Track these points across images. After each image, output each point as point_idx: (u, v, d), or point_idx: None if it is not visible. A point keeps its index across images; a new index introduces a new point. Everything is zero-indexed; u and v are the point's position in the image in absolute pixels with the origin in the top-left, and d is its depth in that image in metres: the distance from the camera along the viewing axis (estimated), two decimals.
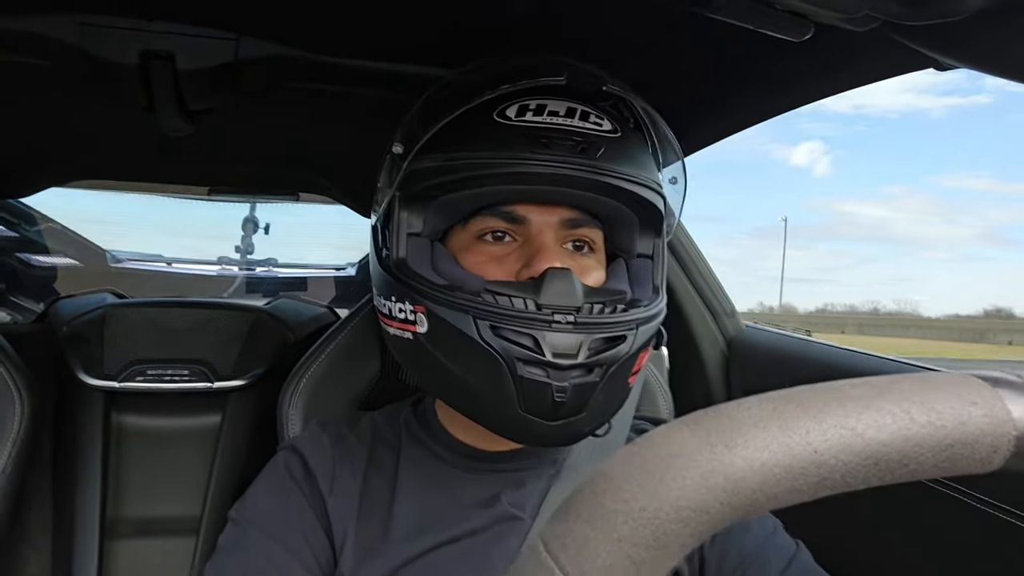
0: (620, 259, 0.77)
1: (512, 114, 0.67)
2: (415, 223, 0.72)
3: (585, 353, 0.64)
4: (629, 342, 0.67)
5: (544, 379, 0.63)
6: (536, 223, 0.70)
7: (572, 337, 0.64)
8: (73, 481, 1.45)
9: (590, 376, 0.65)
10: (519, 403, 0.64)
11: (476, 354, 0.65)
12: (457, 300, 0.65)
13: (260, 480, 0.78)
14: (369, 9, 0.88)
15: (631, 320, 0.67)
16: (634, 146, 0.72)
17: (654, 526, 0.26)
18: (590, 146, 0.67)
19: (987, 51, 0.59)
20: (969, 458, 0.28)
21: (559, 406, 0.64)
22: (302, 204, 2.11)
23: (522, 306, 0.64)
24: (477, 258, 0.71)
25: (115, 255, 2.48)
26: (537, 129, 0.67)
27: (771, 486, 0.27)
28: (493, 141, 0.67)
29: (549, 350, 0.63)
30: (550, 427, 0.65)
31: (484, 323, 0.64)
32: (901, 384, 0.28)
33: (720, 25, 0.60)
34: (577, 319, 0.64)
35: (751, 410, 0.28)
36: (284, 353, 1.57)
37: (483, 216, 0.71)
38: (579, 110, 0.69)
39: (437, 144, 0.69)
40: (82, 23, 0.90)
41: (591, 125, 0.69)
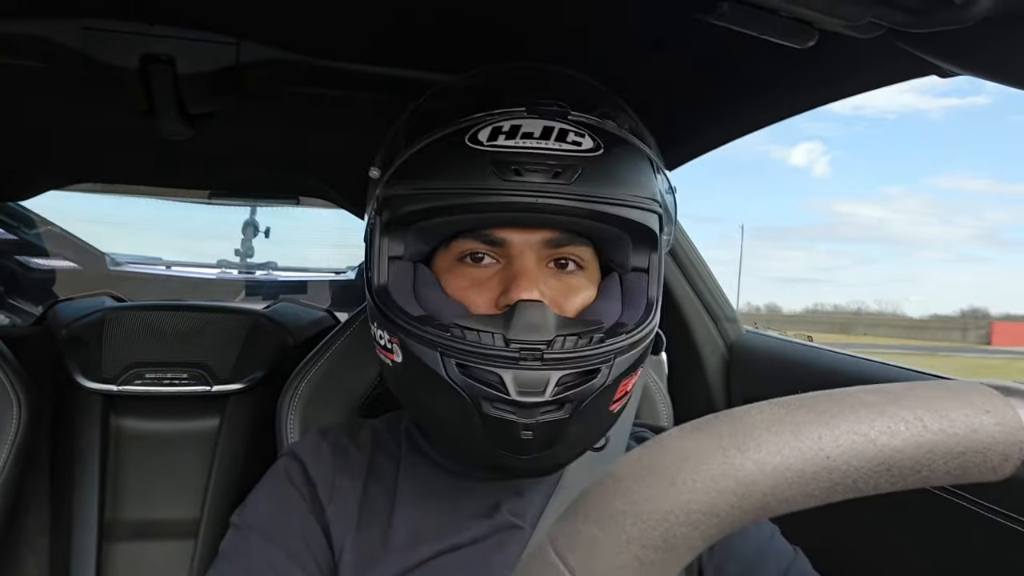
0: (614, 274, 0.75)
1: (484, 138, 0.65)
2: (396, 247, 0.71)
3: (553, 389, 0.62)
4: (603, 375, 0.65)
5: (511, 417, 0.62)
6: (516, 245, 0.68)
7: (539, 374, 0.62)
8: (71, 484, 1.44)
9: (559, 412, 0.63)
10: (487, 439, 0.64)
11: (444, 391, 0.64)
12: (427, 335, 0.65)
13: (261, 486, 0.78)
14: (369, 13, 0.88)
15: (606, 351, 0.65)
16: (618, 162, 0.69)
17: (663, 528, 0.26)
18: (565, 170, 0.64)
19: (991, 59, 0.59)
20: (981, 466, 0.28)
21: (527, 443, 0.63)
22: (302, 208, 2.11)
23: (490, 341, 0.63)
24: (459, 282, 0.70)
25: (114, 258, 2.48)
26: (508, 155, 0.64)
27: (782, 490, 0.27)
28: (463, 169, 0.65)
29: (514, 388, 0.62)
30: (521, 461, 0.65)
31: (451, 360, 0.63)
32: (915, 391, 0.28)
33: (724, 31, 0.60)
34: (545, 355, 0.62)
35: (763, 414, 0.28)
36: (283, 357, 1.57)
37: (464, 239, 0.70)
38: (556, 129, 0.66)
39: (411, 171, 0.68)
40: (84, 27, 0.90)
41: (568, 145, 0.65)
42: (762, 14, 0.58)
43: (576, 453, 0.70)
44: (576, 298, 0.71)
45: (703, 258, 1.42)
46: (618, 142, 0.69)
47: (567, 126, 0.66)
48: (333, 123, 1.31)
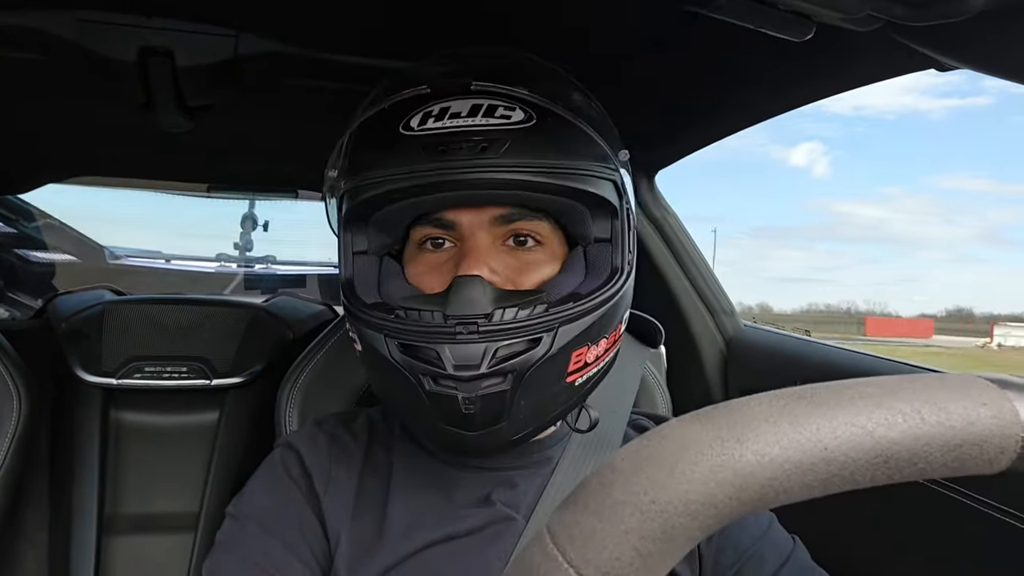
0: (578, 248, 0.73)
1: (415, 124, 0.66)
2: (360, 242, 0.72)
3: (490, 361, 0.63)
4: (545, 344, 0.64)
5: (451, 391, 0.63)
6: (467, 225, 0.69)
7: (475, 347, 0.63)
8: (71, 477, 1.44)
9: (502, 384, 0.64)
10: (435, 416, 0.65)
11: (390, 372, 0.66)
12: (374, 319, 0.67)
13: (257, 476, 0.78)
14: (367, 6, 0.88)
15: (548, 320, 0.65)
16: (553, 132, 0.67)
17: (662, 519, 0.26)
18: (491, 144, 0.64)
19: (988, 52, 0.59)
20: (977, 458, 0.28)
21: (470, 417, 0.64)
22: (301, 201, 2.11)
23: (430, 319, 0.64)
24: (418, 268, 0.71)
25: (113, 251, 2.48)
26: (435, 136, 0.65)
27: (780, 481, 0.27)
28: (396, 155, 0.66)
29: (450, 363, 0.62)
30: (472, 437, 0.65)
31: (393, 342, 0.65)
32: (913, 384, 0.28)
33: (721, 25, 0.60)
34: (480, 327, 0.63)
35: (762, 406, 0.28)
36: (282, 350, 1.57)
37: (420, 225, 0.71)
38: (485, 105, 0.66)
39: (358, 163, 0.69)
40: (81, 19, 0.90)
41: (497, 120, 0.65)
42: (759, 7, 0.58)
43: (530, 428, 0.69)
44: (534, 274, 0.70)
45: (701, 253, 1.42)
46: (550, 113, 0.68)
47: (496, 102, 0.66)
48: (332, 116, 1.30)
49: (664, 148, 1.25)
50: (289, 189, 2.00)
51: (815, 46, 0.62)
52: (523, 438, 0.70)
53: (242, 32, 0.95)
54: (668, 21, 0.86)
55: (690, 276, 1.40)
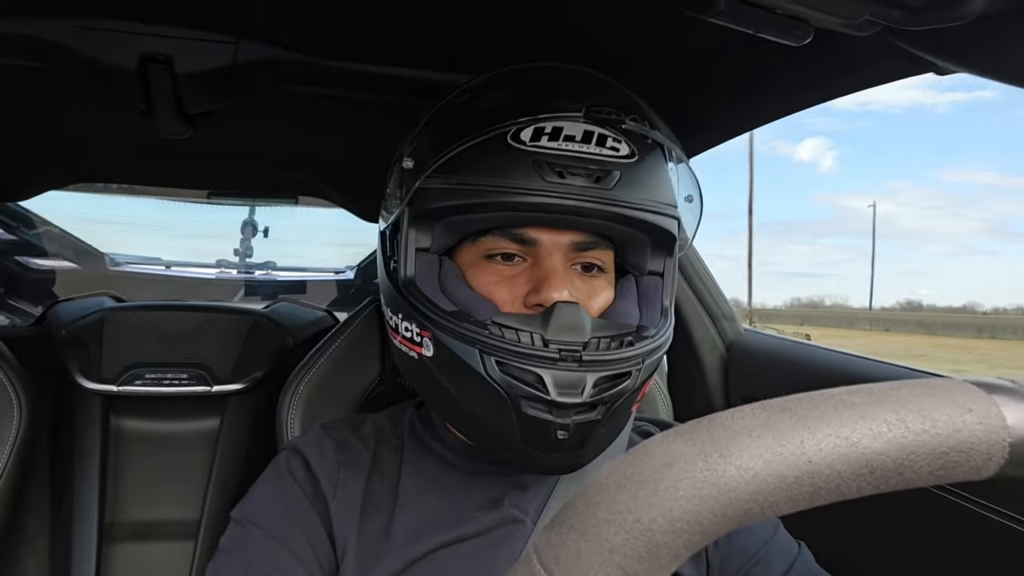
0: (630, 276, 0.76)
1: (527, 138, 0.66)
2: (423, 240, 0.72)
3: (590, 391, 0.63)
4: (634, 378, 0.66)
5: (547, 417, 0.63)
6: (546, 245, 0.69)
7: (577, 375, 0.63)
8: (71, 485, 1.44)
9: (592, 414, 0.64)
10: (522, 437, 0.65)
11: (481, 388, 0.65)
12: (464, 331, 0.65)
13: (262, 480, 0.77)
14: (367, 12, 0.88)
15: (637, 355, 0.67)
16: (650, 169, 0.71)
17: (646, 537, 0.26)
18: (605, 175, 0.66)
19: (987, 56, 0.59)
20: (964, 465, 0.27)
21: (561, 443, 0.64)
22: (301, 207, 2.11)
23: (528, 341, 0.64)
24: (486, 278, 0.71)
25: (113, 258, 2.48)
26: (551, 156, 0.65)
27: (765, 496, 0.26)
28: (506, 168, 0.66)
29: (554, 389, 0.62)
30: (551, 459, 0.66)
31: (490, 358, 0.64)
32: (898, 392, 0.28)
33: (720, 30, 0.60)
34: (583, 356, 0.63)
35: (745, 419, 0.28)
36: (283, 357, 1.57)
37: (493, 236, 0.70)
38: (596, 134, 0.67)
39: (449, 165, 0.68)
40: (80, 27, 0.90)
41: (607, 151, 0.67)
42: (758, 12, 0.57)
43: (598, 452, 0.70)
44: (598, 299, 0.72)
45: (702, 257, 1.42)
46: (649, 149, 0.71)
47: (606, 132, 0.68)
48: (331, 122, 1.31)
49: None
50: (289, 195, 2.01)
51: (814, 50, 0.62)
52: (588, 461, 0.70)
53: (241, 39, 0.95)
54: (668, 26, 0.86)
55: (690, 281, 1.40)
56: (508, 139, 0.66)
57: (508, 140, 0.66)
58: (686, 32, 0.86)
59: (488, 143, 0.66)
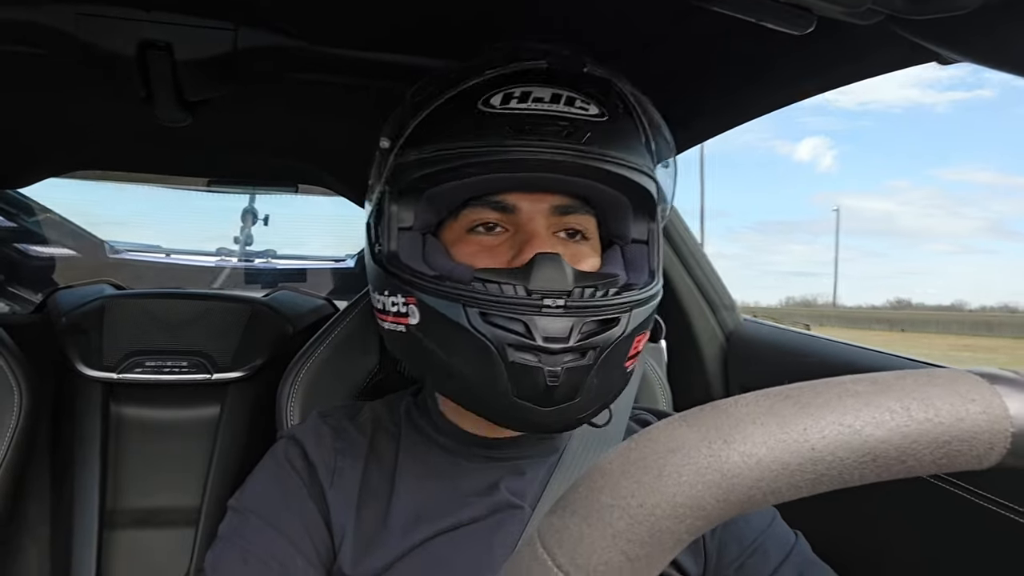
0: (616, 245, 0.77)
1: (496, 102, 0.68)
2: (406, 217, 0.72)
3: (577, 336, 0.64)
4: (623, 324, 0.66)
5: (536, 363, 0.63)
6: (526, 211, 0.70)
7: (563, 321, 0.63)
8: (72, 472, 1.44)
9: (583, 360, 0.64)
10: (512, 389, 0.64)
11: (467, 342, 0.65)
12: (446, 289, 0.66)
13: (260, 469, 0.78)
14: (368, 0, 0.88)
15: (624, 303, 0.67)
16: (622, 130, 0.72)
17: (650, 522, 0.26)
18: (576, 130, 0.67)
19: (991, 45, 0.59)
20: (966, 455, 0.28)
21: (552, 391, 0.64)
22: (301, 196, 2.11)
23: (512, 292, 0.64)
24: (469, 248, 0.71)
25: (113, 246, 2.48)
26: (521, 116, 0.67)
27: (768, 482, 0.27)
28: (477, 130, 0.67)
29: (540, 335, 0.63)
30: (544, 413, 0.65)
31: (474, 310, 0.64)
32: (902, 381, 0.28)
33: (722, 18, 0.59)
34: (568, 303, 0.63)
35: (749, 407, 0.28)
36: (283, 345, 1.57)
37: (473, 207, 0.71)
38: (564, 95, 0.69)
39: (423, 137, 0.69)
40: (79, 13, 0.90)
41: (576, 110, 0.68)
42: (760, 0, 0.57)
43: (594, 410, 0.70)
44: (584, 264, 0.72)
45: (701, 248, 1.42)
46: (622, 112, 0.72)
47: (574, 94, 0.69)
48: (332, 110, 1.30)
49: None
50: (289, 183, 2.00)
51: (817, 39, 0.62)
52: (585, 418, 0.70)
53: (241, 26, 0.95)
54: (671, 13, 0.86)
55: (690, 271, 1.40)
56: (479, 105, 0.68)
57: (479, 106, 0.67)
58: (688, 20, 0.85)
59: (460, 110, 0.68)
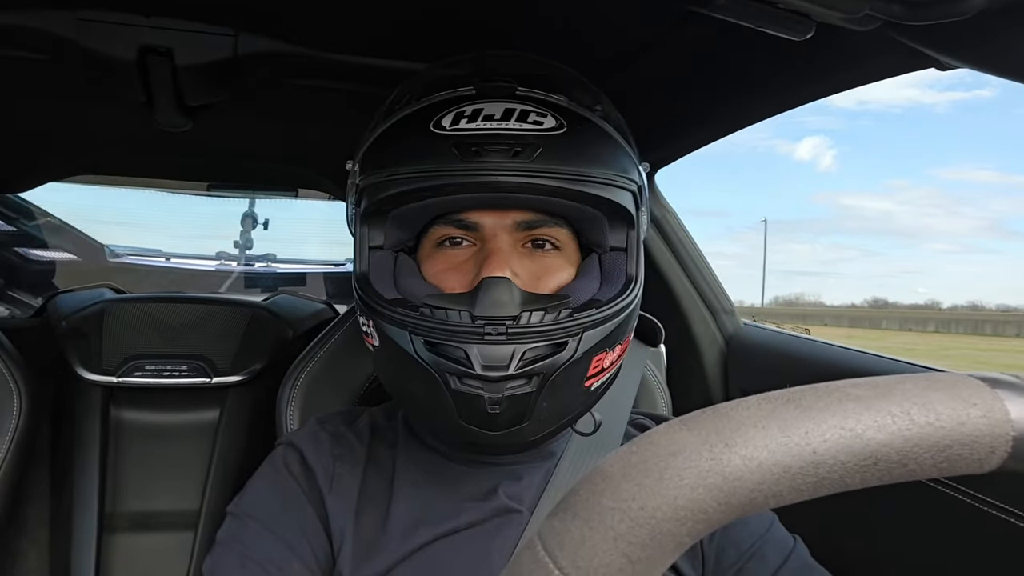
0: (593, 254, 0.75)
1: (447, 123, 0.66)
2: (376, 237, 0.72)
3: (517, 364, 0.63)
4: (571, 348, 0.65)
5: (478, 391, 0.63)
6: (489, 227, 0.70)
7: (504, 348, 0.63)
8: (71, 476, 1.44)
9: (527, 386, 0.64)
10: (459, 414, 0.65)
11: (414, 369, 0.65)
12: (397, 316, 0.66)
13: (258, 475, 0.78)
14: (369, 5, 0.88)
15: (574, 325, 0.66)
16: (582, 140, 0.69)
17: (651, 525, 0.26)
18: (524, 148, 0.65)
19: (988, 51, 0.59)
20: (967, 459, 0.28)
21: (496, 417, 0.64)
22: (301, 200, 2.11)
23: (457, 319, 0.64)
24: (437, 266, 0.71)
25: (113, 250, 2.48)
26: (468, 137, 0.65)
27: (769, 486, 0.27)
28: (427, 153, 0.66)
29: (478, 363, 0.63)
30: (492, 436, 0.65)
31: (419, 339, 0.65)
32: (903, 385, 0.28)
33: (721, 24, 0.60)
34: (509, 329, 0.63)
35: (750, 410, 0.28)
36: (283, 349, 1.57)
37: (439, 224, 0.71)
38: (517, 110, 0.67)
39: (379, 159, 0.70)
40: (79, 18, 0.90)
41: (529, 126, 0.66)
42: (759, 6, 0.57)
43: (550, 429, 0.70)
44: (552, 278, 0.71)
45: (701, 251, 1.42)
46: (581, 121, 0.70)
47: (528, 107, 0.68)
48: (331, 115, 1.30)
49: (663, 147, 1.25)
50: (289, 188, 2.01)
51: (816, 45, 0.62)
52: (540, 439, 0.70)
53: (242, 31, 0.95)
54: (668, 20, 0.86)
55: (690, 275, 1.40)
56: (431, 127, 0.67)
57: (431, 128, 0.67)
58: (686, 26, 0.85)
59: (413, 132, 0.68)
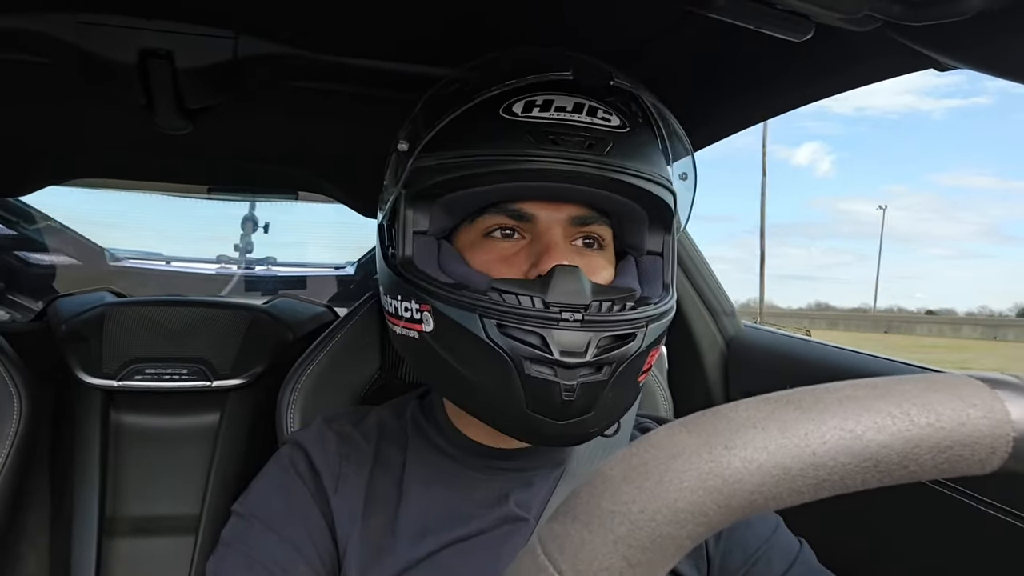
0: (630, 256, 0.76)
1: (519, 110, 0.67)
2: (421, 221, 0.71)
3: (594, 351, 0.63)
4: (639, 340, 0.66)
5: (552, 378, 0.62)
6: (544, 220, 0.69)
7: (580, 335, 0.63)
8: (71, 480, 1.44)
9: (599, 375, 0.64)
10: (527, 402, 0.64)
11: (483, 353, 0.64)
12: (463, 299, 0.65)
13: (263, 474, 0.77)
14: (369, 7, 0.88)
15: (641, 318, 0.66)
16: (643, 142, 0.71)
17: (651, 528, 0.26)
18: (598, 142, 0.66)
19: (988, 52, 0.59)
20: (968, 459, 0.28)
21: (567, 405, 0.63)
22: (301, 203, 2.11)
23: (529, 304, 0.63)
24: (485, 256, 0.70)
25: (114, 253, 2.48)
26: (544, 125, 0.66)
27: (769, 487, 0.26)
28: (499, 138, 0.66)
29: (557, 348, 0.62)
30: (558, 427, 0.64)
31: (491, 321, 0.63)
32: (902, 386, 0.28)
33: (720, 25, 0.60)
34: (585, 317, 0.63)
35: (750, 412, 0.28)
36: (283, 352, 1.57)
37: (490, 214, 0.70)
38: (587, 105, 0.68)
39: (443, 141, 0.68)
40: (80, 21, 0.90)
41: (599, 121, 0.68)
42: (758, 7, 0.57)
43: (608, 421, 0.70)
44: (598, 275, 0.72)
45: (702, 254, 1.42)
46: (640, 123, 0.72)
47: (597, 104, 0.69)
48: (332, 118, 1.30)
49: None
50: (289, 191, 2.00)
51: (815, 46, 0.62)
52: (596, 432, 0.70)
53: (242, 34, 0.95)
54: (667, 21, 0.86)
55: (690, 277, 1.40)
56: (500, 112, 0.67)
57: (500, 113, 0.67)
58: (685, 27, 0.85)
59: (481, 117, 0.67)
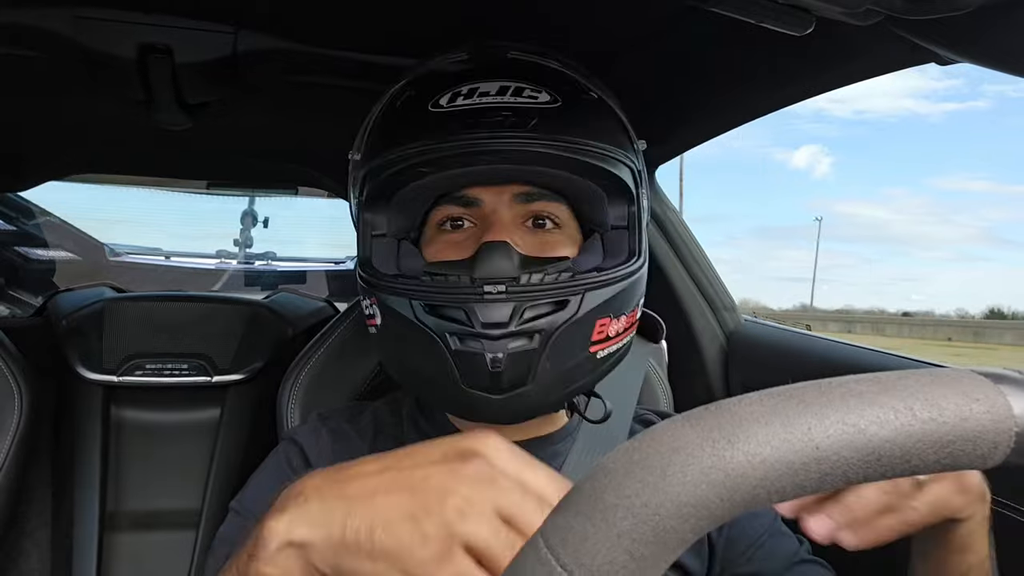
0: (596, 234, 0.75)
1: (444, 102, 0.68)
2: (379, 223, 0.73)
3: (518, 321, 0.64)
4: (572, 307, 0.66)
5: (478, 350, 0.64)
6: (488, 203, 0.71)
7: (504, 307, 0.64)
8: (72, 475, 1.44)
9: (530, 343, 0.65)
10: (460, 378, 0.65)
11: (415, 335, 0.66)
12: (397, 286, 0.68)
13: (260, 471, 0.78)
14: (368, 2, 0.88)
15: (576, 286, 0.66)
16: (580, 114, 0.70)
17: (654, 522, 0.26)
18: (520, 118, 0.67)
19: (989, 46, 0.59)
20: (970, 454, 0.28)
21: (497, 376, 0.64)
22: (301, 198, 2.11)
23: (456, 282, 0.65)
24: (438, 247, 0.72)
25: (114, 249, 2.48)
26: (465, 111, 0.67)
27: (772, 481, 0.27)
28: (425, 129, 0.68)
29: (478, 321, 0.64)
30: (496, 401, 0.66)
31: (418, 303, 0.66)
32: (906, 380, 0.28)
33: (721, 19, 0.59)
34: (509, 288, 0.64)
35: (753, 406, 0.28)
36: (283, 347, 1.57)
37: (440, 206, 0.72)
38: (512, 87, 0.69)
39: (381, 144, 0.71)
40: (79, 16, 0.90)
41: (524, 99, 0.68)
42: (760, 1, 0.57)
43: (556, 396, 0.70)
44: (553, 253, 0.71)
45: (702, 248, 1.42)
46: (575, 96, 0.71)
47: (523, 84, 0.69)
48: (331, 113, 1.30)
49: (664, 143, 1.24)
50: (289, 186, 2.00)
51: (816, 40, 0.62)
52: (545, 407, 0.71)
53: (241, 29, 0.95)
54: (668, 15, 0.86)
55: (691, 271, 1.40)
56: (428, 107, 0.68)
57: (428, 108, 0.68)
58: (686, 21, 0.85)
59: (412, 115, 0.70)
